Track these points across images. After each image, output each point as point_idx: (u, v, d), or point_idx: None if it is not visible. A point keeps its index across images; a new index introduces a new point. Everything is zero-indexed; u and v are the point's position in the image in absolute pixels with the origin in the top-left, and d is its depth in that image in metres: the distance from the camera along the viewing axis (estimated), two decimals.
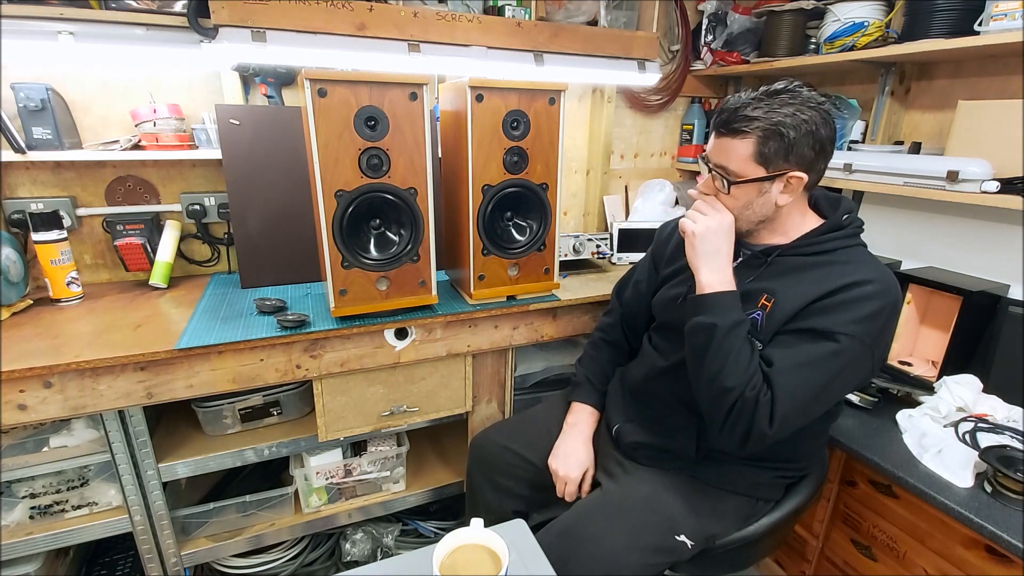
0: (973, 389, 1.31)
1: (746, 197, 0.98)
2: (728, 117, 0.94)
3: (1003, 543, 1.00)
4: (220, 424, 1.40)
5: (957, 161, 1.35)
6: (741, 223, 1.01)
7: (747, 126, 0.92)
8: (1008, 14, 1.24)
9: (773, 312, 0.97)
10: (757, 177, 0.95)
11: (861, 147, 1.70)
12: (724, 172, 0.97)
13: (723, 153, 0.97)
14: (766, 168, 0.94)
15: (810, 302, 0.94)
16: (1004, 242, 1.48)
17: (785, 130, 0.91)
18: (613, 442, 1.22)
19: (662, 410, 1.14)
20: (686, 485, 1.09)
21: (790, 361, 0.92)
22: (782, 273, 1.01)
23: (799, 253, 1.01)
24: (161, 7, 1.32)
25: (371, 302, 1.29)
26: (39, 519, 1.27)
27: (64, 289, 1.39)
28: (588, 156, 2.16)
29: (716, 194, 1.01)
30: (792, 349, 0.93)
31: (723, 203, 1.00)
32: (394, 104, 1.17)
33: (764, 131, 0.91)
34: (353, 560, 1.61)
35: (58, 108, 1.38)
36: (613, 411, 1.26)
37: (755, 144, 0.93)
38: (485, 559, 0.74)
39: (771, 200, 0.97)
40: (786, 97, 0.92)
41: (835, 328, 0.90)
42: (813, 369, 0.91)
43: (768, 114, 0.91)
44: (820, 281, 0.95)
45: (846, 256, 0.99)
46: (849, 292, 0.92)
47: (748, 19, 1.99)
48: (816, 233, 1.01)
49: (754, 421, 0.91)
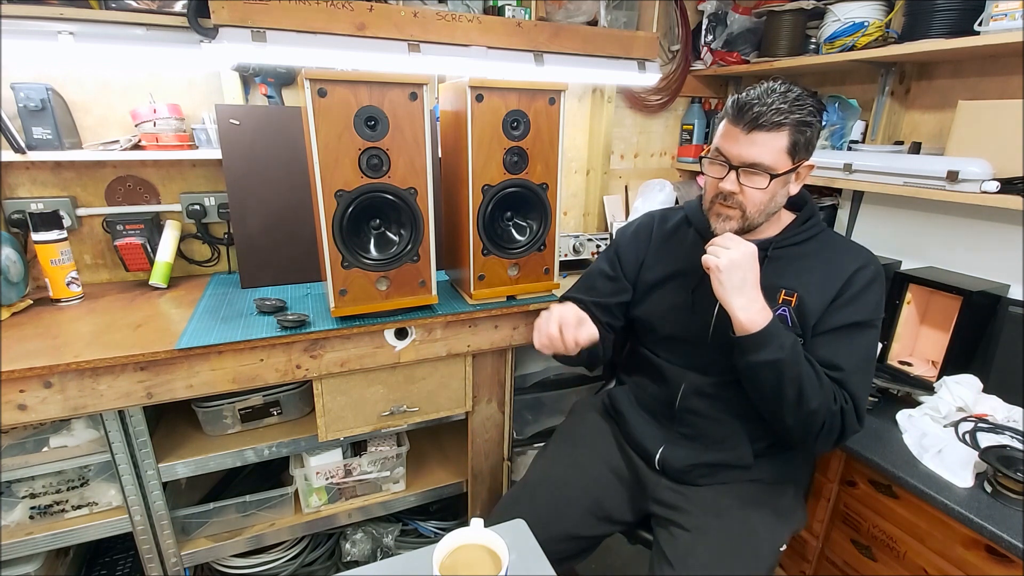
0: (973, 389, 1.31)
1: (774, 190, 1.00)
2: (760, 112, 0.95)
3: (1003, 543, 1.00)
4: (220, 424, 1.40)
5: (957, 161, 1.35)
6: (762, 217, 1.04)
7: (783, 119, 0.95)
8: (1008, 14, 1.24)
9: (801, 308, 1.02)
10: (788, 170, 0.99)
11: (861, 147, 1.70)
12: (757, 167, 0.97)
13: (757, 148, 0.97)
14: (793, 160, 0.98)
15: (835, 295, 1.02)
16: (1004, 242, 1.48)
17: (810, 122, 0.97)
18: (659, 471, 1.15)
19: (704, 425, 1.11)
20: (756, 493, 1.08)
21: (856, 358, 1.00)
22: (785, 265, 1.06)
23: (791, 243, 1.07)
24: (161, 7, 1.32)
25: (371, 302, 1.29)
26: (39, 519, 1.27)
27: (64, 289, 1.39)
28: (588, 156, 2.16)
29: (740, 190, 1.00)
30: (852, 346, 1.01)
31: (750, 198, 1.00)
32: (394, 104, 1.17)
33: (795, 125, 0.96)
34: (353, 560, 1.61)
35: (58, 108, 1.38)
36: (645, 438, 1.17)
37: (789, 137, 0.96)
38: (485, 559, 0.74)
39: (788, 191, 1.03)
40: (794, 91, 0.97)
41: (870, 316, 1.02)
42: (868, 357, 1.03)
43: (792, 108, 0.95)
44: (830, 272, 1.03)
45: (829, 241, 1.08)
46: (860, 277, 1.02)
47: (748, 19, 1.99)
48: (799, 222, 1.09)
49: (845, 426, 0.99)
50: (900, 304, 1.52)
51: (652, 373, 1.18)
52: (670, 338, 1.16)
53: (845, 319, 1.01)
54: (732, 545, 0.99)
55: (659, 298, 1.17)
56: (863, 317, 1.01)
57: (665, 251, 1.19)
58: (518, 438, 1.69)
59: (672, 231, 1.20)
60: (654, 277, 1.19)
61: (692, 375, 1.12)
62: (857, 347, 1.01)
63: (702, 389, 1.10)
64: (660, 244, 1.21)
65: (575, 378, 1.77)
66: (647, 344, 1.22)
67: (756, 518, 1.03)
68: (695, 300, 1.11)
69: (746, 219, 1.02)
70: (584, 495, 1.14)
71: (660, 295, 1.17)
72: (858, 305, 1.01)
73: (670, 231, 1.21)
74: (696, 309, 1.11)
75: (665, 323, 1.16)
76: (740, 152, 0.98)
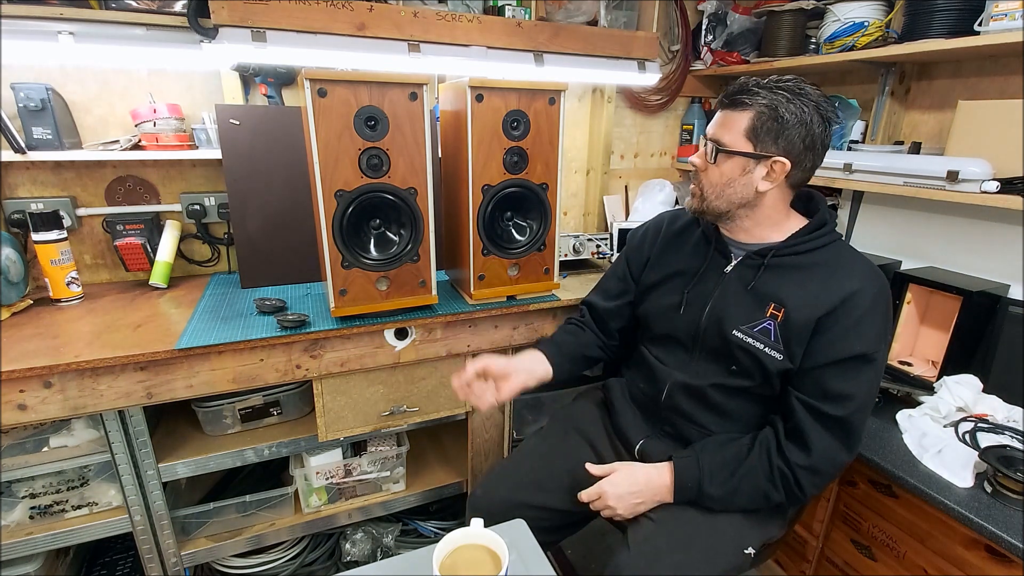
0: (973, 389, 1.31)
1: (730, 173, 1.00)
2: (733, 91, 0.99)
3: (1003, 543, 1.00)
4: (220, 424, 1.40)
5: (957, 161, 1.35)
6: (720, 201, 1.03)
7: (748, 99, 0.96)
8: (1008, 14, 1.24)
9: (786, 322, 0.99)
10: (744, 152, 0.97)
11: (861, 147, 1.70)
12: (716, 143, 1.00)
13: (721, 125, 1.01)
14: (755, 146, 0.97)
15: (823, 314, 0.96)
16: (1004, 242, 1.48)
17: (782, 113, 0.94)
18: (638, 461, 1.16)
19: (686, 427, 1.12)
20: None
21: (860, 396, 0.96)
22: (782, 276, 1.02)
23: (794, 252, 1.02)
24: (161, 7, 1.32)
25: (371, 302, 1.29)
26: (39, 519, 1.27)
27: (64, 289, 1.39)
28: (588, 156, 2.16)
29: (706, 167, 1.03)
30: (855, 381, 0.96)
31: (708, 177, 1.03)
32: (394, 104, 1.17)
33: (762, 108, 0.95)
34: (353, 560, 1.61)
35: (58, 108, 1.38)
36: (630, 429, 1.20)
37: (751, 119, 0.96)
38: (485, 559, 0.74)
39: (752, 183, 0.99)
40: (792, 86, 0.96)
41: (869, 349, 0.95)
42: (871, 391, 0.98)
43: (770, 95, 0.95)
44: (825, 289, 0.98)
45: (836, 253, 1.02)
46: (855, 303, 0.95)
47: (748, 19, 1.99)
48: (806, 231, 1.03)
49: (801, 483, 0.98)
50: (900, 304, 1.52)
51: (644, 370, 1.20)
52: (663, 337, 1.17)
53: (846, 352, 0.95)
54: (690, 539, 1.00)
55: (656, 298, 1.18)
56: (865, 350, 0.94)
57: (670, 251, 1.20)
58: (518, 438, 1.69)
59: (680, 231, 1.21)
60: (655, 277, 1.19)
61: (678, 375, 1.12)
62: (861, 383, 0.96)
63: (687, 391, 1.11)
64: (665, 244, 1.21)
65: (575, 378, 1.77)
66: (644, 341, 1.23)
67: (725, 518, 1.03)
68: (687, 301, 1.11)
69: (704, 199, 1.05)
70: (566, 474, 1.17)
71: (658, 295, 1.18)
72: (860, 334, 0.95)
73: (677, 231, 1.21)
74: (686, 310, 1.11)
75: (659, 322, 1.17)
76: (710, 129, 1.03)
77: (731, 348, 1.03)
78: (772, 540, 1.10)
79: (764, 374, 1.01)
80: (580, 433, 1.27)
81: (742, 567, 1.03)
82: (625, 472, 1.06)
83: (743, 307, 1.03)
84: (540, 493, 1.17)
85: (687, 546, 0.99)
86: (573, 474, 1.15)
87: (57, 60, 1.42)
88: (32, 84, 1.34)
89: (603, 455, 1.23)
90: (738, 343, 1.02)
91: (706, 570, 0.97)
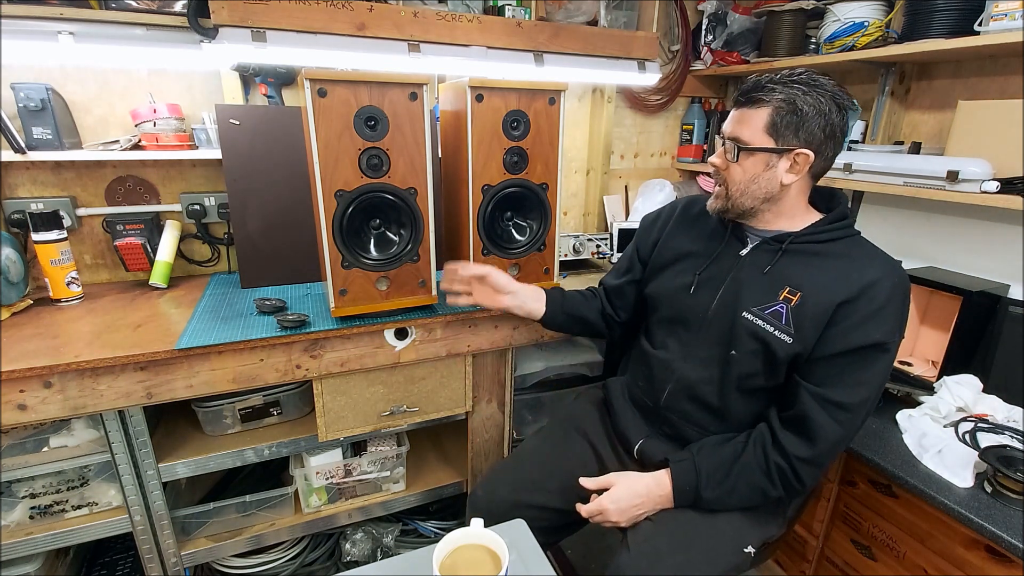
0: (973, 389, 1.31)
1: (754, 169, 0.99)
2: (748, 89, 0.98)
3: (1003, 543, 1.01)
4: (220, 424, 1.40)
5: (957, 161, 1.35)
6: (745, 199, 1.02)
7: (765, 96, 0.96)
8: (1008, 14, 1.24)
9: (802, 307, 0.98)
10: (766, 147, 0.97)
11: (861, 147, 1.70)
12: (737, 141, 1.00)
13: (739, 123, 1.00)
14: (776, 140, 0.97)
15: (841, 302, 0.95)
16: (1004, 242, 1.48)
17: (800, 106, 0.94)
18: (637, 461, 1.17)
19: (686, 429, 1.11)
20: None
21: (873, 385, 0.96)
22: (800, 261, 1.01)
23: (813, 240, 1.02)
24: (161, 7, 1.32)
25: (371, 302, 1.29)
26: (39, 519, 1.27)
27: (64, 289, 1.39)
28: (588, 156, 2.16)
29: (727, 166, 1.02)
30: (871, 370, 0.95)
31: (731, 176, 1.02)
32: (394, 104, 1.17)
33: (779, 103, 0.95)
34: (353, 560, 1.61)
35: (58, 108, 1.38)
36: (629, 429, 1.19)
37: (769, 115, 0.96)
38: (485, 559, 0.74)
39: (777, 177, 0.99)
40: (806, 78, 0.96)
41: (887, 338, 0.94)
42: (882, 382, 0.98)
43: (786, 90, 0.95)
44: (844, 277, 0.97)
45: (856, 245, 1.02)
46: (878, 290, 0.94)
47: (748, 19, 1.99)
48: (825, 222, 1.03)
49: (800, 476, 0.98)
50: None
51: (644, 370, 1.19)
52: (669, 320, 1.16)
53: (860, 340, 0.94)
54: (690, 539, 1.00)
55: (667, 278, 1.17)
56: (880, 339, 0.94)
57: (683, 232, 1.19)
58: (518, 438, 1.69)
59: (696, 217, 1.20)
60: (667, 257, 1.19)
61: (682, 370, 1.10)
62: (872, 376, 0.96)
63: (686, 391, 1.10)
64: (677, 226, 1.21)
65: (575, 378, 1.77)
66: (649, 327, 1.22)
67: (724, 518, 1.03)
68: (698, 283, 1.10)
69: (729, 198, 1.04)
70: (566, 473, 1.17)
71: (669, 275, 1.17)
72: (877, 323, 0.94)
73: (694, 216, 1.20)
74: (696, 291, 1.10)
75: (667, 303, 1.16)
76: (727, 128, 1.02)
77: (737, 331, 1.02)
78: (772, 539, 1.10)
79: (769, 360, 1.00)
80: (580, 433, 1.27)
81: (742, 567, 1.03)
82: (624, 485, 1.05)
83: (756, 290, 1.02)
84: (540, 493, 1.17)
85: (687, 546, 0.99)
86: (573, 474, 1.15)
87: (57, 60, 1.42)
88: (32, 84, 1.34)
89: (603, 455, 1.23)
90: (746, 325, 1.01)
91: (707, 570, 0.97)
